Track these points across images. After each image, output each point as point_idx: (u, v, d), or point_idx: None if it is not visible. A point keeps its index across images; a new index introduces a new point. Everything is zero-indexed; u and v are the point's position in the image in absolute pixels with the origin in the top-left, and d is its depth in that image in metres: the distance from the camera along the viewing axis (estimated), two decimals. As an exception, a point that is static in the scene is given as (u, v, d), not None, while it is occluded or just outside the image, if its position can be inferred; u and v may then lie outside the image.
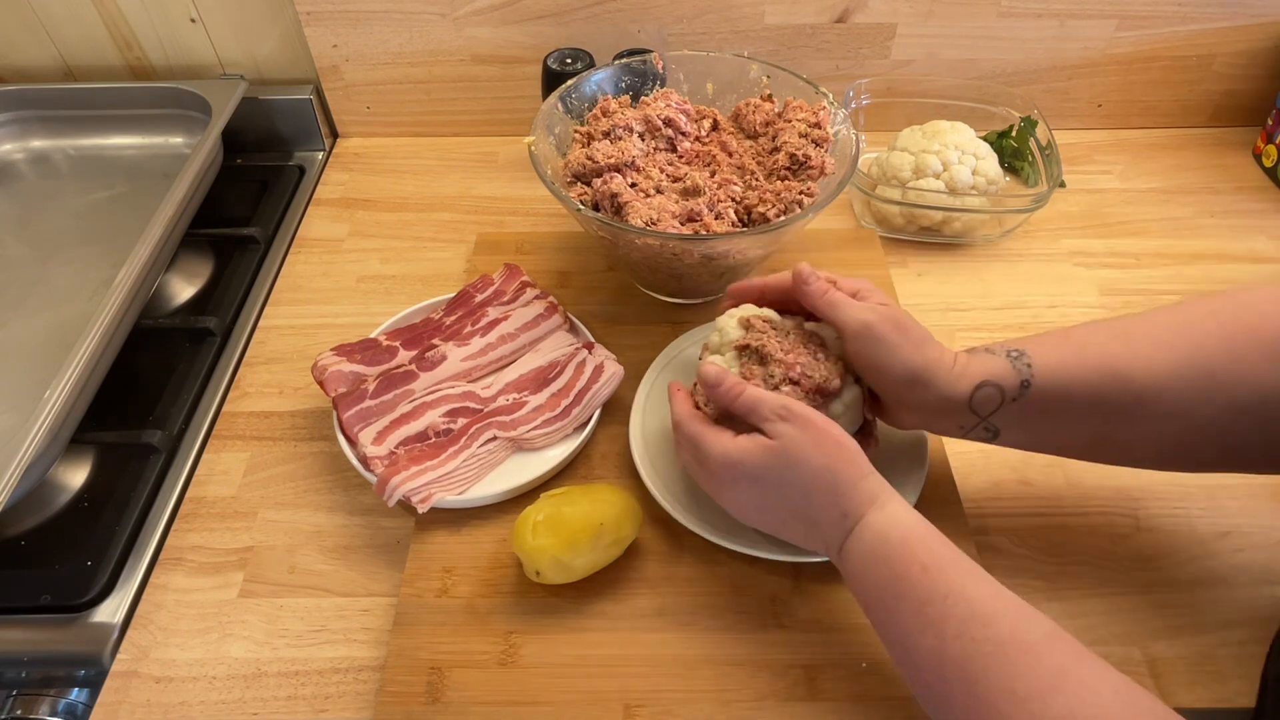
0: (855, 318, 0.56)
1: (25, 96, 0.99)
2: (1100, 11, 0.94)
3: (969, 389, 0.55)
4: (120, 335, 0.75)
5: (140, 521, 0.68)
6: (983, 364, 0.55)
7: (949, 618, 0.47)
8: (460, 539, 0.65)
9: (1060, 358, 0.54)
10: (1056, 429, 0.56)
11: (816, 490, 0.53)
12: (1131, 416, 0.53)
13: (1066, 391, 0.54)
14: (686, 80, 0.85)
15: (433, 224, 0.93)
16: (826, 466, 0.52)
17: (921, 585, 0.48)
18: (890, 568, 0.50)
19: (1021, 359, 0.54)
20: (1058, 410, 0.55)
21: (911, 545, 0.50)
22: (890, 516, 0.51)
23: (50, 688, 0.61)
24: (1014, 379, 0.54)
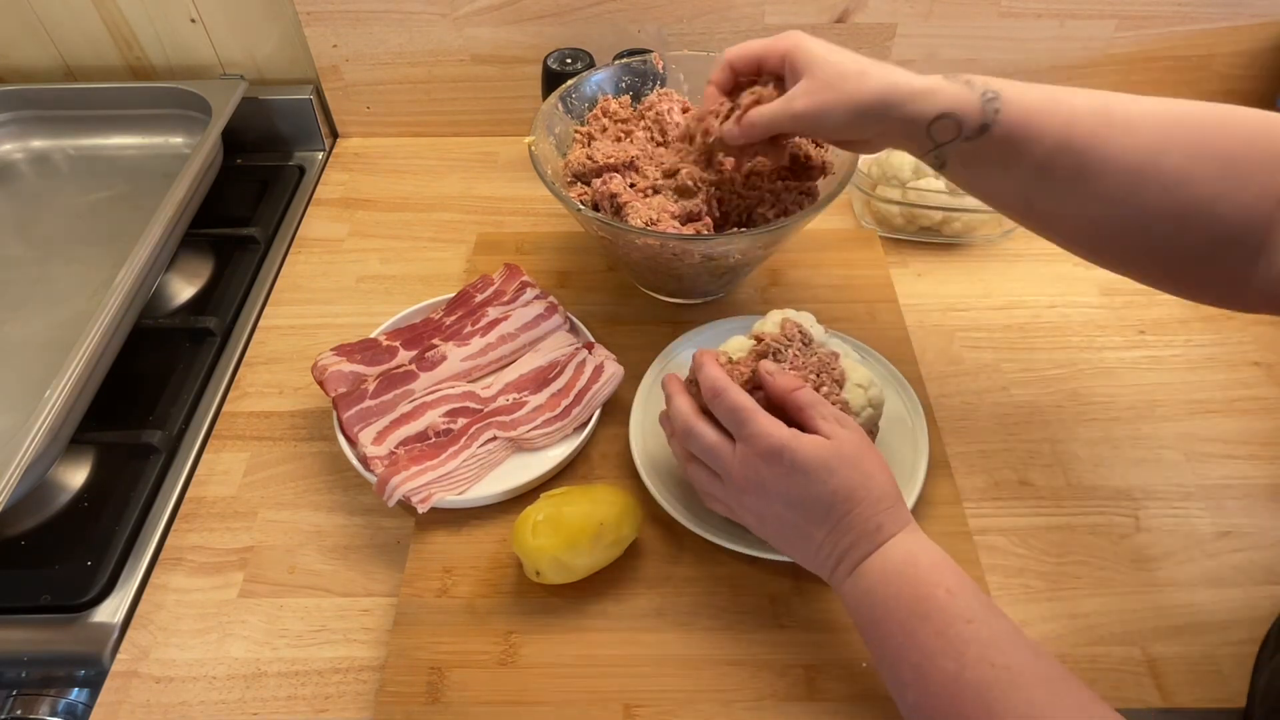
0: (787, 113, 0.57)
1: (25, 96, 0.99)
2: (1100, 11, 0.94)
3: (931, 115, 0.54)
4: (120, 335, 0.75)
5: (140, 521, 0.68)
6: (954, 93, 0.53)
7: (971, 642, 0.46)
8: (460, 539, 0.65)
9: (1029, 111, 0.53)
10: (996, 179, 0.56)
11: (859, 496, 0.51)
12: (1067, 190, 0.53)
13: (1019, 145, 0.53)
14: (687, 80, 0.85)
15: (433, 224, 0.94)
16: (872, 477, 0.52)
17: (948, 608, 0.47)
18: (916, 587, 0.49)
19: (993, 102, 0.53)
20: (1003, 161, 0.54)
21: (940, 569, 0.49)
22: (921, 541, 0.51)
23: (50, 688, 0.61)
24: (977, 119, 0.53)
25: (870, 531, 0.51)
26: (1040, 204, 0.55)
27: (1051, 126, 0.52)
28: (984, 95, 0.53)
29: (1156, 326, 0.81)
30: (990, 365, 0.78)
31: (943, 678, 0.46)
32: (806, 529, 0.53)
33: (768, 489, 0.53)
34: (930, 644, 0.47)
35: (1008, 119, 0.53)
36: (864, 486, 0.51)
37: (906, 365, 0.74)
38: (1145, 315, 0.82)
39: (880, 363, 0.73)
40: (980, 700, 0.44)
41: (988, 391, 0.75)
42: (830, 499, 0.51)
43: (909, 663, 0.47)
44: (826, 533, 0.52)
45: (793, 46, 0.58)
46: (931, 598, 0.48)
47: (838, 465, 0.51)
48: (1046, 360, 0.78)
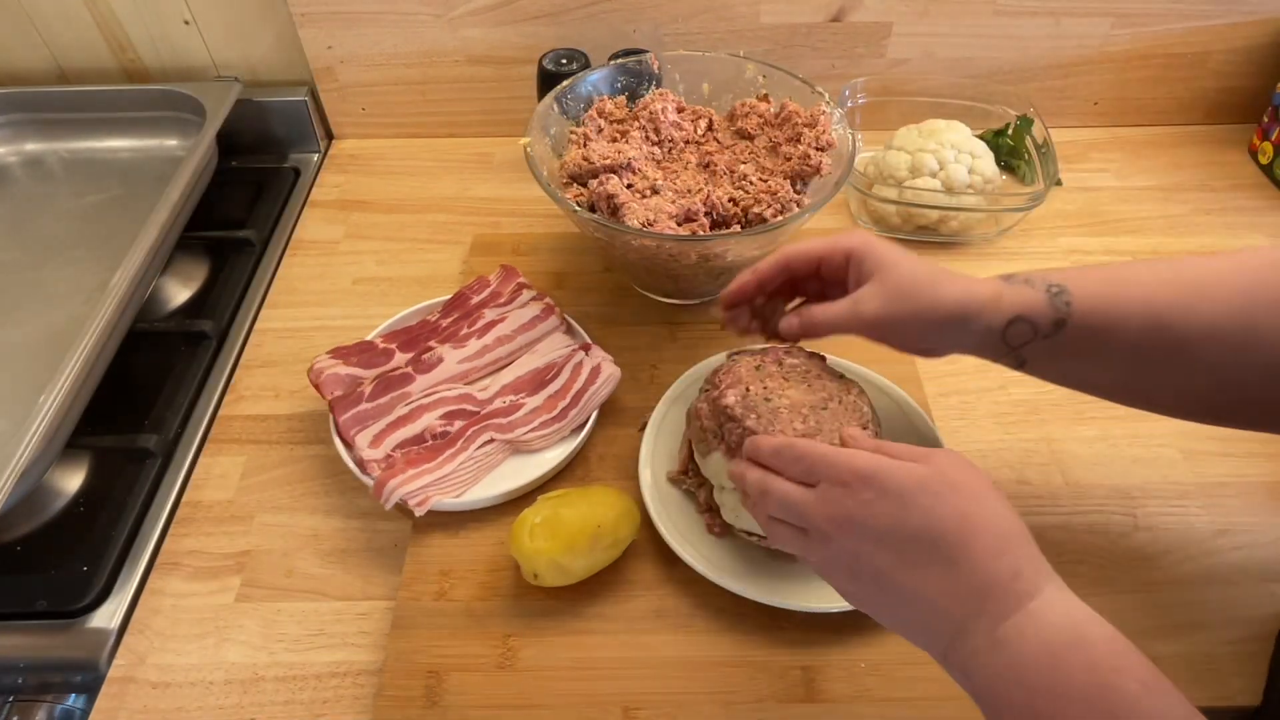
0: (857, 321, 0.54)
1: (19, 99, 0.99)
2: (1096, 9, 0.94)
3: (1002, 322, 0.52)
4: (116, 339, 0.75)
5: (136, 526, 0.68)
6: (1020, 296, 0.52)
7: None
8: (458, 542, 0.65)
9: (1101, 296, 0.51)
10: (1085, 369, 0.54)
11: (975, 525, 0.41)
12: (1165, 365, 0.51)
13: (1103, 334, 0.51)
14: (682, 80, 0.85)
15: (428, 225, 0.93)
16: (989, 504, 0.43)
17: (1143, 707, 0.37)
18: (1095, 674, 0.38)
19: (1061, 296, 0.51)
20: (1090, 351, 0.52)
21: (1122, 650, 0.39)
22: (1080, 605, 0.41)
23: (47, 694, 0.61)
24: (1049, 316, 0.51)
25: (1005, 580, 0.40)
26: (1140, 384, 0.53)
27: (1129, 308, 0.50)
28: (1049, 290, 0.51)
29: (1154, 324, 0.81)
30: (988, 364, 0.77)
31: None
32: (913, 577, 0.42)
33: (855, 523, 0.44)
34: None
35: (1081, 309, 0.51)
36: (979, 514, 0.42)
37: (904, 365, 0.74)
38: (1142, 313, 0.82)
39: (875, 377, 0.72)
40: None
41: (985, 390, 0.75)
42: (938, 529, 0.41)
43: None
44: (939, 578, 0.41)
45: (860, 246, 0.54)
46: (1120, 690, 0.37)
47: (940, 488, 0.42)
48: (1044, 359, 0.78)
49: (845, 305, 0.55)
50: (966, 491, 0.43)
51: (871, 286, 0.53)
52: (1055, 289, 0.51)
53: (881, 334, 0.54)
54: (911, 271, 0.53)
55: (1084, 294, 0.51)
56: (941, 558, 0.41)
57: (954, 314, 0.52)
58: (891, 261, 0.53)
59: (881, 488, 0.43)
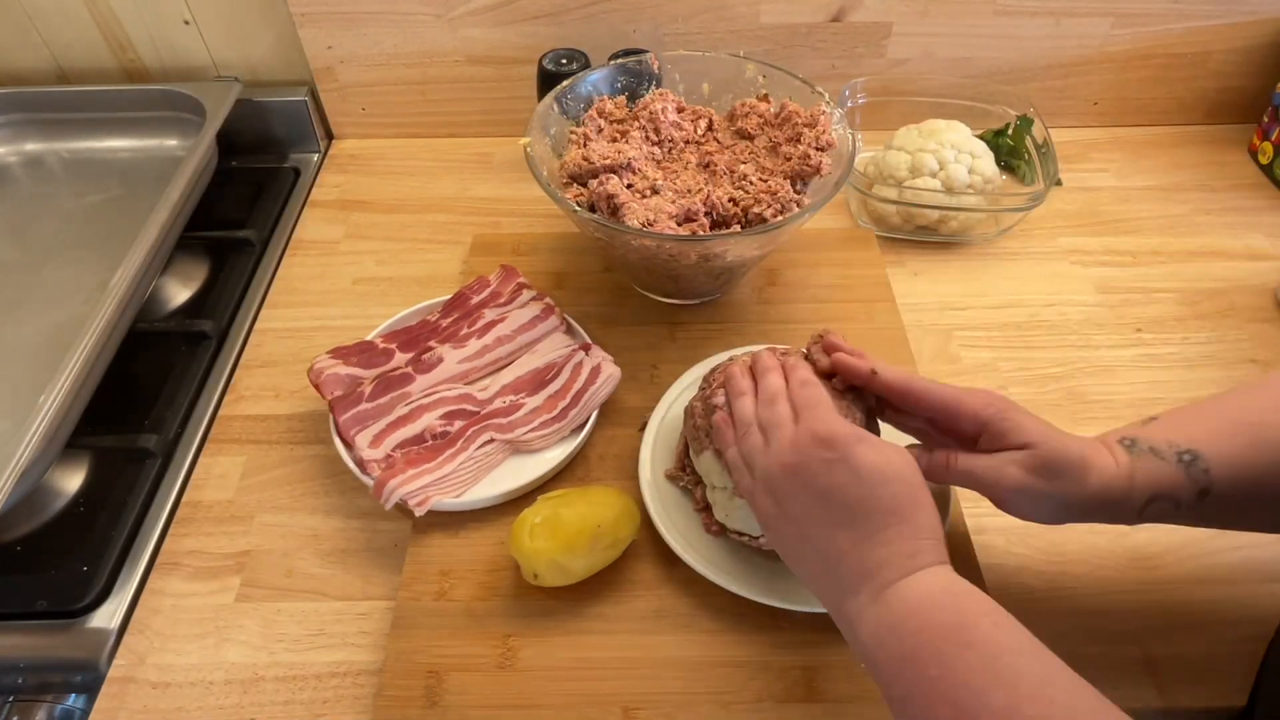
0: (997, 480, 0.51)
1: (19, 99, 0.99)
2: (1096, 9, 0.94)
3: (1139, 502, 0.49)
4: (116, 339, 0.75)
5: (136, 526, 0.68)
6: (1151, 472, 0.49)
7: (1025, 675, 0.40)
8: (458, 542, 0.65)
9: (1238, 451, 0.48)
10: (1242, 520, 0.52)
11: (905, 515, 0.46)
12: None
13: (1253, 487, 0.48)
14: (682, 80, 0.85)
15: (428, 225, 0.93)
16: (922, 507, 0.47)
17: (992, 638, 0.42)
18: (957, 615, 0.43)
19: (1196, 464, 0.48)
20: (1239, 510, 0.50)
21: (982, 601, 0.44)
22: (956, 575, 0.46)
23: (47, 694, 0.61)
24: (1190, 489, 0.49)
25: (905, 555, 0.45)
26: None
27: (1270, 453, 0.48)
28: (1181, 460, 0.49)
29: (1154, 325, 0.81)
30: (988, 364, 0.78)
31: (994, 713, 0.39)
32: (832, 533, 0.47)
33: (808, 473, 0.48)
34: (974, 677, 0.40)
35: (1222, 473, 0.48)
36: (913, 509, 0.46)
37: (904, 365, 0.74)
38: (1143, 313, 0.82)
39: None
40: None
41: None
42: (874, 506, 0.46)
43: (947, 701, 0.40)
44: (854, 542, 0.47)
45: (1002, 412, 0.52)
46: (975, 626, 0.42)
47: (895, 477, 0.47)
48: (1044, 359, 0.78)
49: (990, 462, 0.52)
50: (914, 488, 0.47)
51: (1020, 454, 0.51)
52: (1188, 457, 0.49)
53: (1013, 504, 0.52)
54: (1064, 450, 0.50)
55: (1220, 456, 0.49)
56: (866, 527, 0.46)
57: (1093, 504, 0.50)
58: (1040, 435, 0.51)
59: (846, 456, 0.47)
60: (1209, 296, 0.83)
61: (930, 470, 0.53)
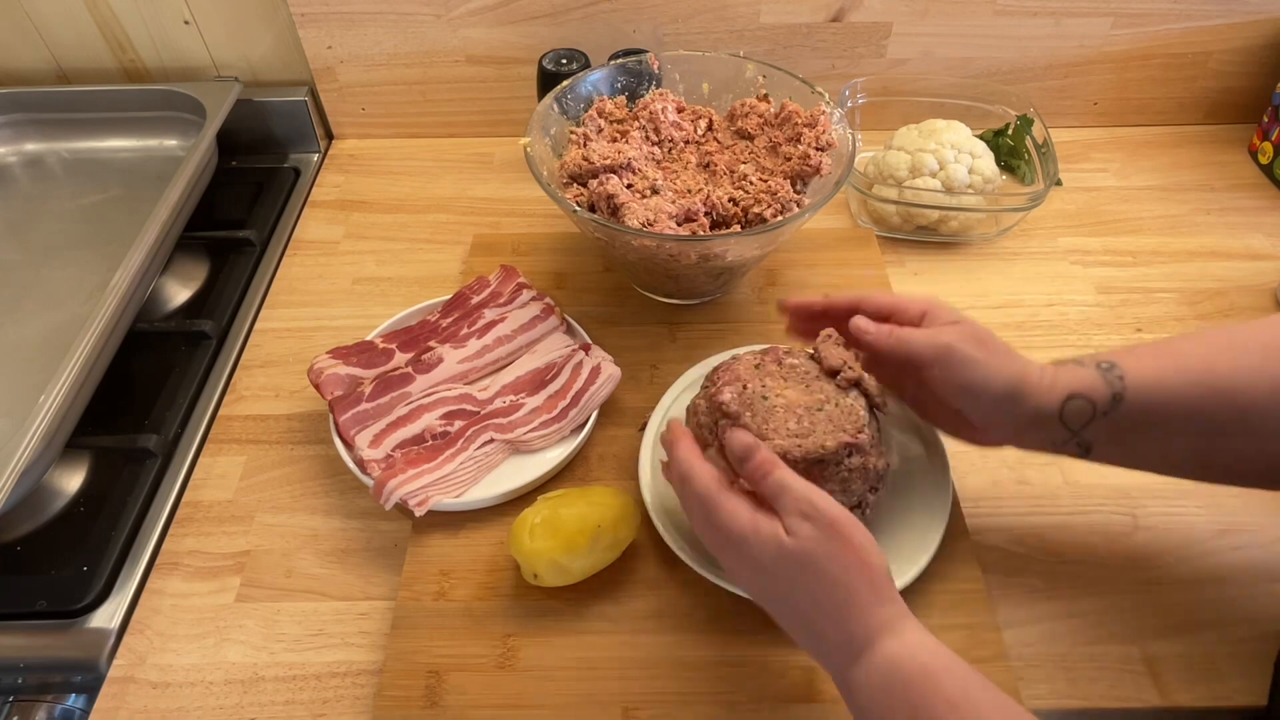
0: (931, 343, 0.53)
1: (19, 99, 0.99)
2: (1096, 9, 0.94)
3: (1058, 401, 0.52)
4: (116, 339, 0.75)
5: (136, 526, 0.68)
6: (1072, 375, 0.52)
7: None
8: (458, 542, 0.65)
9: (1156, 369, 0.51)
10: (1154, 445, 0.53)
11: (825, 606, 0.47)
12: (1238, 433, 0.50)
13: (1163, 405, 0.50)
14: (682, 80, 0.85)
15: (428, 225, 0.93)
16: (841, 583, 0.46)
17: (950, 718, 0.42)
18: (909, 705, 0.43)
19: (1113, 370, 0.51)
20: (1154, 425, 0.51)
21: (935, 678, 0.44)
22: (908, 644, 0.45)
23: (47, 694, 0.61)
24: (1105, 391, 0.51)
25: (842, 643, 0.46)
26: (1219, 455, 0.52)
27: (1188, 376, 0.50)
28: (1100, 367, 0.52)
29: (1153, 324, 0.81)
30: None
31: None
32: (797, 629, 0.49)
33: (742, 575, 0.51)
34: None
35: (1137, 382, 0.51)
36: (830, 594, 0.46)
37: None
38: (1142, 313, 0.82)
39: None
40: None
41: None
42: (801, 604, 0.48)
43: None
44: (805, 635, 0.49)
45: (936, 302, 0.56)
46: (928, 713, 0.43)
47: (796, 571, 0.47)
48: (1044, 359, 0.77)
49: (927, 333, 0.54)
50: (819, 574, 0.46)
51: (953, 328, 0.54)
52: (1106, 365, 0.52)
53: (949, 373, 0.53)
54: (988, 333, 0.54)
55: (1137, 367, 0.51)
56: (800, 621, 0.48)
57: (1010, 385, 0.52)
58: (970, 319, 0.55)
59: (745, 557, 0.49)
60: (1209, 296, 0.83)
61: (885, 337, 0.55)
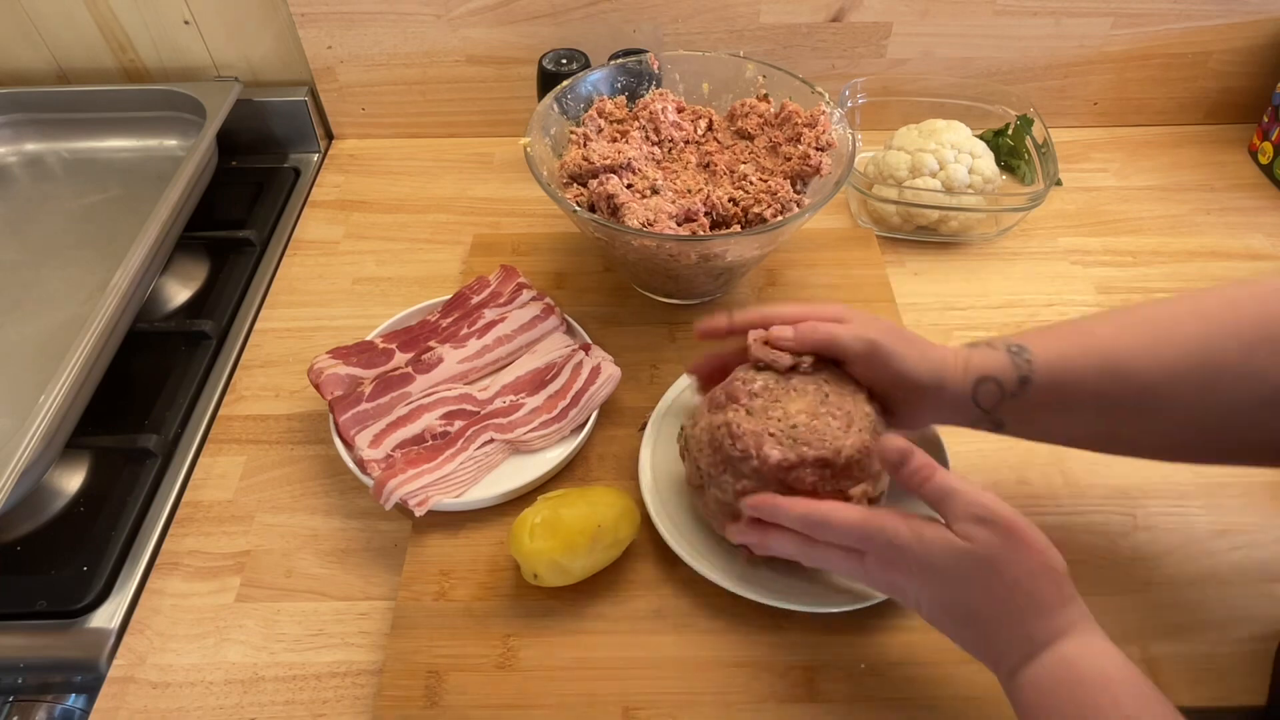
0: (859, 338, 0.55)
1: (19, 99, 0.99)
2: (1096, 9, 0.94)
3: (971, 384, 0.54)
4: (115, 339, 0.75)
5: (136, 526, 0.68)
6: (984, 358, 0.54)
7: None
8: (458, 542, 0.65)
9: (1061, 351, 0.53)
10: (1059, 423, 0.55)
11: (1007, 606, 0.47)
12: (1137, 412, 0.52)
13: (1068, 387, 0.53)
14: (682, 80, 0.85)
15: (428, 225, 0.93)
16: (1024, 585, 0.47)
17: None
18: (1082, 707, 0.44)
19: (1022, 354, 0.54)
20: (1059, 404, 0.53)
21: (1112, 686, 0.44)
22: (1087, 648, 0.46)
23: (47, 694, 0.61)
24: (1013, 374, 0.53)
25: (1020, 641, 0.47)
26: (1121, 431, 0.54)
27: (1090, 359, 0.52)
28: (1010, 350, 0.54)
29: (1154, 324, 0.81)
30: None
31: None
32: (963, 628, 0.50)
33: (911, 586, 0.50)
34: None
35: (1043, 365, 0.53)
36: (1013, 595, 0.47)
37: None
38: (1142, 313, 0.82)
39: None
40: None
41: None
42: (976, 603, 0.48)
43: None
44: (975, 637, 0.49)
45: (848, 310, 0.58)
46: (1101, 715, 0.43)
47: (976, 574, 0.47)
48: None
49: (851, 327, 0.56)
50: (998, 575, 0.47)
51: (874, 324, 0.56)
52: (1016, 348, 0.54)
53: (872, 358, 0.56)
54: (905, 329, 0.58)
55: (1045, 350, 0.54)
56: (974, 625, 0.49)
57: (933, 374, 0.55)
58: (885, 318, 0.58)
59: (916, 560, 0.48)
60: (1209, 296, 0.83)
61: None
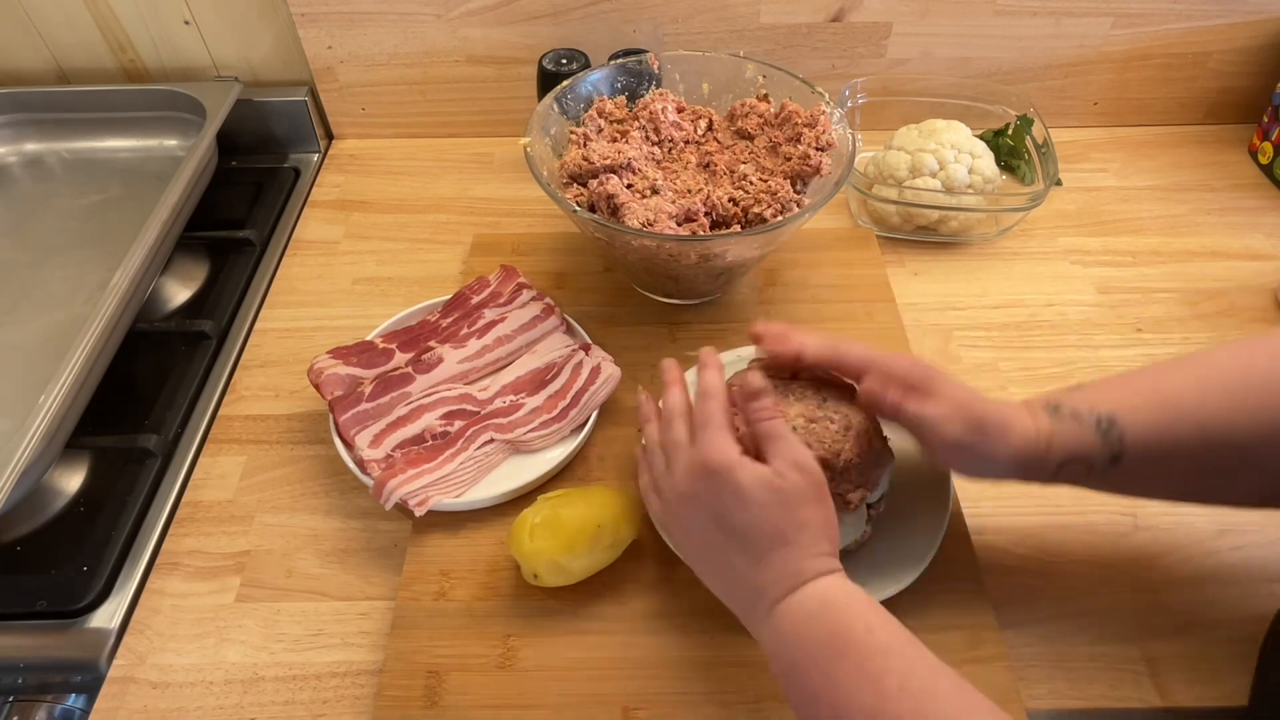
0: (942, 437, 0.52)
1: (19, 99, 0.99)
2: (1096, 9, 0.94)
3: (1055, 464, 0.51)
4: (115, 339, 0.75)
5: (136, 526, 0.68)
6: (1069, 436, 0.51)
7: (890, 673, 0.44)
8: (458, 542, 0.65)
9: (1153, 422, 0.50)
10: (1146, 488, 0.54)
11: (786, 540, 0.50)
12: (1228, 474, 0.51)
13: (1160, 460, 0.51)
14: (682, 80, 0.85)
15: (428, 225, 0.93)
16: (810, 529, 0.50)
17: (865, 643, 0.46)
18: (831, 625, 0.47)
19: (1112, 431, 0.50)
20: (1148, 475, 0.52)
21: (857, 608, 0.48)
22: (839, 583, 0.49)
23: (47, 694, 0.61)
24: (1103, 452, 0.51)
25: (790, 574, 0.49)
26: (1205, 491, 0.54)
27: (1183, 429, 0.50)
28: (1099, 426, 0.51)
29: (1154, 324, 0.81)
30: (988, 364, 0.78)
31: (862, 712, 0.44)
32: (728, 555, 0.51)
33: (701, 501, 0.52)
34: (847, 681, 0.45)
35: (1134, 442, 0.50)
36: (797, 532, 0.50)
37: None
38: (1142, 313, 0.82)
39: None
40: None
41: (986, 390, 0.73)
42: (756, 531, 0.50)
43: (826, 703, 0.45)
44: (747, 565, 0.51)
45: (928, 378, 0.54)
46: (848, 633, 0.46)
47: (772, 502, 0.50)
48: (1044, 359, 0.78)
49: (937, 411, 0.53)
50: (794, 510, 0.50)
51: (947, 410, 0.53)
52: (1105, 423, 0.51)
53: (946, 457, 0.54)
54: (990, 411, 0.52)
55: (1135, 425, 0.50)
56: (752, 551, 0.50)
57: (1013, 461, 0.52)
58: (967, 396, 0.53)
59: (726, 483, 0.50)
60: (1209, 296, 0.83)
61: (879, 407, 0.56)
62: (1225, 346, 0.54)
